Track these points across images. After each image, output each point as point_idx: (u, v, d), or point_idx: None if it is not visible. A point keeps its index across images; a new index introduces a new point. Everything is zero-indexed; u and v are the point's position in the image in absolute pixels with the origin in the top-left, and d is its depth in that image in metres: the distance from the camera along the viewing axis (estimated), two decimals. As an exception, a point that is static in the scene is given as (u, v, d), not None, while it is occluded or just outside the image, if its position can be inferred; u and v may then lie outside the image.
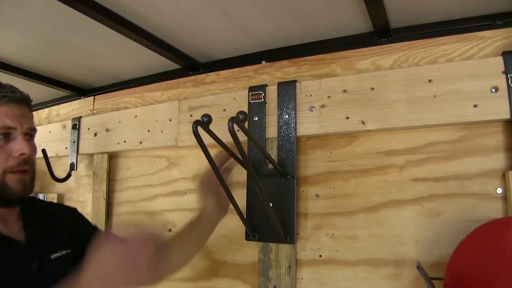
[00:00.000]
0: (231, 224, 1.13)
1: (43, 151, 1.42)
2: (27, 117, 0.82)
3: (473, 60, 0.87)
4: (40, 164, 1.52)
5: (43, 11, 0.95)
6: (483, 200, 0.84)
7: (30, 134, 0.82)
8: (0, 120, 0.76)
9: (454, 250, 0.74)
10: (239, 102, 1.13)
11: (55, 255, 0.81)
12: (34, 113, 1.80)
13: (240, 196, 1.05)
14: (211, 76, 1.24)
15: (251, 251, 1.09)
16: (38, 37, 1.11)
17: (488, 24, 0.89)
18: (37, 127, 0.86)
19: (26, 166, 0.79)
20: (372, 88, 0.95)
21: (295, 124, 1.02)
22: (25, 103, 0.83)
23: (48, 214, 0.91)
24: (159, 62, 1.27)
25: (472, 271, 0.71)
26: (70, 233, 0.89)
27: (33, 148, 0.82)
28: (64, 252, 0.83)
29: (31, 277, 0.74)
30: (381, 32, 0.98)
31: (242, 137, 0.81)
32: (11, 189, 0.77)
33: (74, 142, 1.49)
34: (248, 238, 1.04)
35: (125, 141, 1.35)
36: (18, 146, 0.77)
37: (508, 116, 0.81)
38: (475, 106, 0.83)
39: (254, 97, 1.09)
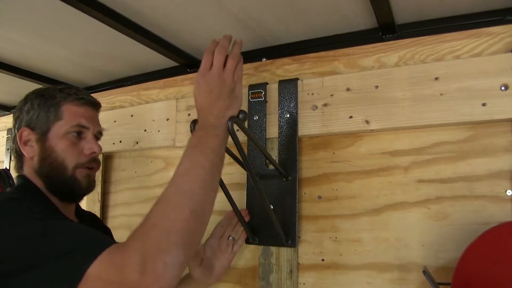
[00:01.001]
0: (231, 227, 1.13)
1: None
2: (97, 121, 0.92)
3: (481, 57, 0.86)
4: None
5: (34, 6, 0.94)
6: (492, 202, 0.83)
7: (98, 137, 0.91)
8: (76, 119, 0.85)
9: (461, 254, 0.74)
10: (239, 100, 1.12)
11: None
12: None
13: (240, 198, 1.04)
14: (210, 73, 1.23)
15: (251, 255, 1.09)
16: (28, 33, 1.10)
17: (498, 20, 0.88)
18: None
19: (95, 164, 0.88)
20: (377, 86, 0.94)
21: (297, 124, 1.02)
22: (97, 108, 0.93)
23: (95, 220, 1.03)
24: (156, 60, 1.26)
25: (480, 276, 0.71)
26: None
27: (101, 149, 0.89)
28: None
29: None
30: (386, 28, 0.97)
31: (241, 137, 0.81)
32: (80, 183, 0.85)
33: (67, 142, 1.47)
34: (248, 241, 1.04)
35: (120, 141, 1.35)
36: (89, 144, 0.86)
37: (518, 115, 0.81)
38: (484, 104, 0.83)
39: (254, 95, 1.08)
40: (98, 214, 1.38)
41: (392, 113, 0.92)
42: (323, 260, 0.99)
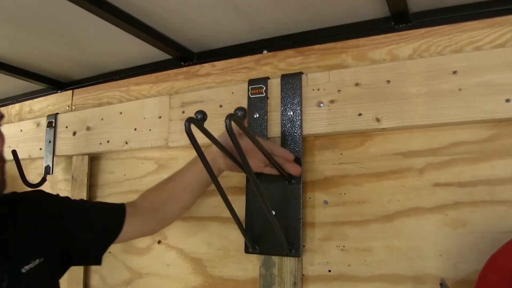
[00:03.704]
0: (229, 235, 1.12)
1: (14, 152, 1.40)
2: None
3: (505, 48, 0.85)
4: (10, 167, 1.50)
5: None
6: (516, 208, 0.82)
7: None
8: None
9: (483, 265, 0.72)
10: (238, 97, 1.11)
11: (26, 267, 0.75)
12: (3, 108, 1.78)
13: (239, 203, 1.03)
14: (206, 67, 1.23)
15: (251, 266, 1.08)
16: (5, 22, 1.09)
17: (524, 7, 0.87)
18: (7, 125, 0.84)
19: None
20: (388, 81, 0.93)
21: (301, 122, 1.01)
22: None
23: (15, 214, 0.82)
24: (147, 52, 1.25)
25: (504, 290, 0.70)
26: (46, 233, 0.83)
27: (4, 138, 0.78)
28: (36, 261, 0.77)
29: None
30: (399, 17, 0.96)
31: (241, 136, 0.80)
32: None
33: (49, 142, 1.46)
34: (247, 250, 1.03)
35: (108, 141, 1.34)
36: None
37: (545, 112, 0.80)
38: (508, 100, 0.81)
39: (254, 91, 1.07)
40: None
41: (405, 110, 0.90)
42: (329, 271, 0.98)
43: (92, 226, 0.92)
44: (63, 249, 0.85)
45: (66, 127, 1.45)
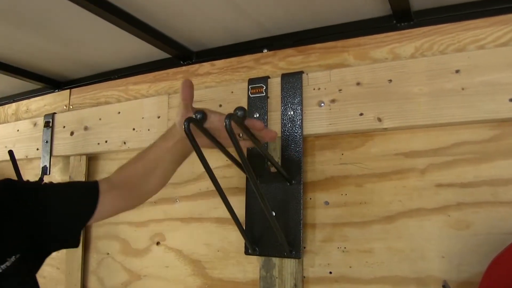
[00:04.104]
0: (228, 236, 1.11)
1: (10, 152, 1.40)
2: None
3: (508, 47, 0.84)
4: (7, 167, 1.49)
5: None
6: (520, 209, 0.82)
7: None
8: None
9: (486, 267, 0.72)
10: (238, 96, 1.11)
11: (2, 266, 0.72)
12: None
13: (239, 204, 1.03)
14: (205, 66, 1.22)
15: (251, 267, 1.07)
16: (2, 20, 1.08)
17: (527, 5, 0.87)
18: (3, 125, 0.84)
19: None
20: (390, 80, 0.93)
21: (301, 122, 1.00)
22: None
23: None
24: (145, 51, 1.24)
25: (508, 292, 0.69)
26: (18, 226, 0.78)
27: None
28: (13, 259, 0.74)
29: None
30: (401, 16, 0.96)
31: (241, 136, 0.79)
32: None
33: (47, 142, 1.46)
34: (247, 252, 1.02)
35: (106, 141, 1.33)
36: None
37: (549, 112, 0.79)
38: (511, 100, 0.81)
39: (254, 90, 1.07)
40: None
41: (407, 109, 0.90)
42: (330, 273, 0.97)
43: (64, 207, 0.87)
44: (38, 239, 0.80)
45: (64, 127, 1.45)
